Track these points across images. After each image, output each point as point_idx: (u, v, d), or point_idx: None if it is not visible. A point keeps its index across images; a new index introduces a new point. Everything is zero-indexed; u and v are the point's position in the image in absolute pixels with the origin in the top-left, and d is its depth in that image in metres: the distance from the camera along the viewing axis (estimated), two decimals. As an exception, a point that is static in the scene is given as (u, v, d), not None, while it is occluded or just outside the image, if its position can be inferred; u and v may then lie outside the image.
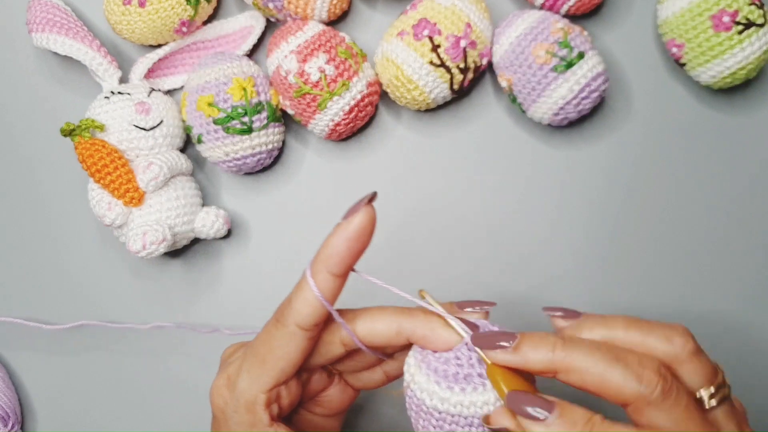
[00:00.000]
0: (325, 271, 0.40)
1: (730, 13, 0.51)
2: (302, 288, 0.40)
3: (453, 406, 0.39)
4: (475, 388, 0.39)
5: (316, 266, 0.40)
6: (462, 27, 0.52)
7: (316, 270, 0.40)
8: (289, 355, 0.41)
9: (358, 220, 0.39)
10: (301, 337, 0.40)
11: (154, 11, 0.53)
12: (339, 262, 0.39)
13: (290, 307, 0.40)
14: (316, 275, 0.40)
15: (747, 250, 0.56)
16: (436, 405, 0.40)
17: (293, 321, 0.40)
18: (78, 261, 0.58)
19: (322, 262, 0.40)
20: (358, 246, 0.40)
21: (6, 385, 0.56)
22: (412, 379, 0.41)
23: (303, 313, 0.40)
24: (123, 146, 0.53)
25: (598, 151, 0.56)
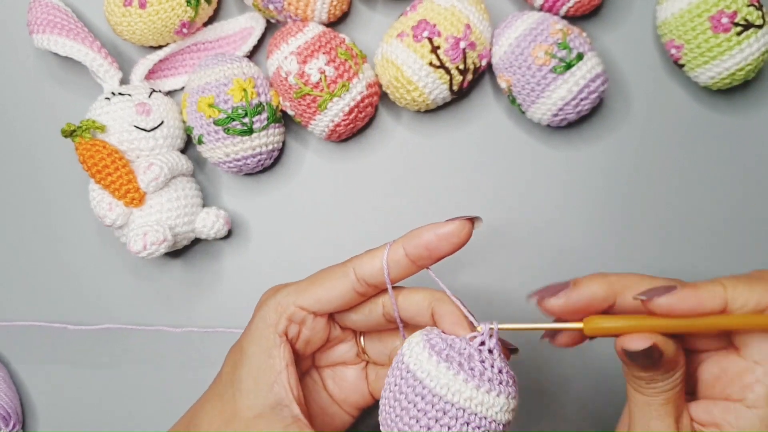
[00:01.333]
0: (401, 246, 0.42)
1: (728, 14, 0.51)
2: (377, 249, 0.43)
3: (453, 394, 0.38)
4: (498, 393, 0.38)
5: (397, 241, 0.43)
6: (461, 28, 0.52)
7: (395, 243, 0.43)
8: (334, 290, 0.43)
9: (453, 226, 0.42)
10: (351, 282, 0.43)
11: (155, 12, 0.53)
12: (416, 247, 0.42)
13: (358, 257, 0.43)
14: (392, 247, 0.42)
15: (746, 250, 0.56)
16: (434, 387, 0.38)
17: (353, 266, 0.43)
18: (79, 261, 0.58)
19: (403, 240, 0.42)
20: (440, 246, 0.42)
21: (7, 386, 0.57)
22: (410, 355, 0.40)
23: (365, 266, 0.43)
24: (124, 147, 0.53)
25: (598, 152, 0.56)
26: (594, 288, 0.40)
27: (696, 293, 0.39)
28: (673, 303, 0.39)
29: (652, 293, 0.39)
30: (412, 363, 0.39)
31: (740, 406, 0.40)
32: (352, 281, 0.43)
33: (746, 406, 0.40)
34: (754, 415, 0.40)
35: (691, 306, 0.39)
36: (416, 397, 0.38)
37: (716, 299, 0.39)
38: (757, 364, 0.40)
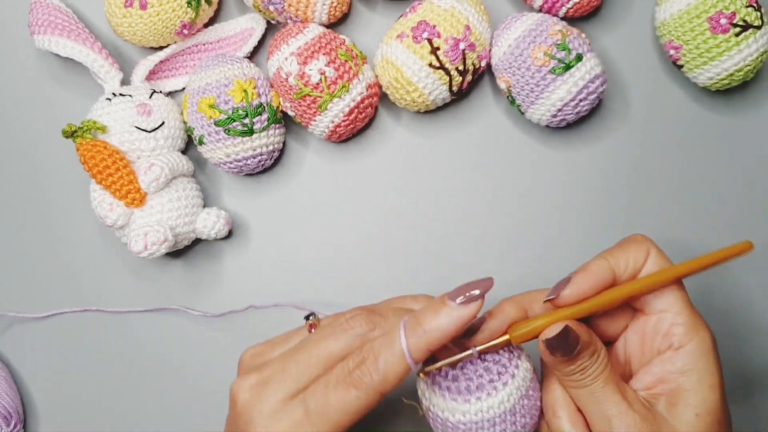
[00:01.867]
0: (426, 348, 0.40)
1: (727, 15, 0.51)
2: (395, 359, 0.40)
3: (474, 414, 0.42)
4: (489, 394, 0.43)
5: (418, 341, 0.40)
6: (461, 29, 0.52)
7: (418, 346, 0.40)
8: (362, 415, 0.40)
9: (473, 310, 0.40)
10: (379, 399, 0.40)
11: (156, 14, 0.53)
12: (442, 343, 0.40)
13: (378, 374, 0.39)
14: (415, 350, 0.40)
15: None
16: (459, 419, 0.42)
17: (379, 390, 0.40)
18: (80, 261, 0.58)
19: (427, 343, 0.40)
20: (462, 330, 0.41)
21: (8, 385, 0.57)
22: (430, 403, 0.44)
23: (393, 382, 0.40)
24: (124, 147, 0.53)
25: (597, 153, 0.56)
26: (507, 311, 0.43)
27: (588, 273, 0.43)
28: (575, 289, 0.42)
29: (556, 291, 0.43)
30: (423, 398, 0.45)
31: (671, 352, 0.43)
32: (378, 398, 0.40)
33: (674, 349, 0.43)
34: (684, 352, 0.43)
35: (589, 285, 0.43)
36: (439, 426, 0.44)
37: (606, 271, 0.43)
38: (664, 312, 0.44)
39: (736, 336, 0.55)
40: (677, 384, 0.43)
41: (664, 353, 0.43)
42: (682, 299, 0.44)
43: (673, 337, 0.43)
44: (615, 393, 0.42)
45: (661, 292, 0.44)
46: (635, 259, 0.44)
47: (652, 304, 0.44)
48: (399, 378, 0.40)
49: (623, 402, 0.42)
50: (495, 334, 0.43)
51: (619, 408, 0.42)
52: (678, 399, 0.43)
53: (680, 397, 0.43)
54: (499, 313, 0.43)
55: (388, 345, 0.40)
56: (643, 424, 0.42)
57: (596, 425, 0.43)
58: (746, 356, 0.55)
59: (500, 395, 0.42)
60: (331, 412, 0.39)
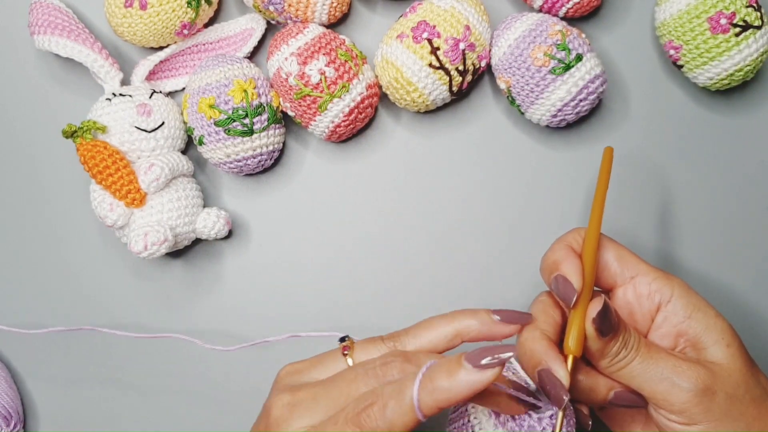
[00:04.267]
0: (436, 407, 0.38)
1: (727, 15, 0.51)
2: (403, 411, 0.39)
3: None
4: None
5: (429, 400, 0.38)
6: (461, 29, 0.52)
7: (427, 404, 0.38)
8: None
9: (491, 376, 0.38)
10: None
11: (156, 14, 0.53)
12: (454, 404, 0.39)
13: (384, 423, 0.39)
14: (425, 407, 0.38)
15: (746, 250, 0.56)
16: None
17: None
18: (80, 262, 0.58)
19: (437, 402, 0.38)
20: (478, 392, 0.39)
21: (8, 385, 0.57)
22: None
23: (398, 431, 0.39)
24: (124, 148, 0.53)
25: (596, 153, 0.56)
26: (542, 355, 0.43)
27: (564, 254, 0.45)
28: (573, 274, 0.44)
29: (567, 296, 0.44)
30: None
31: (664, 307, 0.45)
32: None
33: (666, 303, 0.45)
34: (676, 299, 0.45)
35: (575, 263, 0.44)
36: None
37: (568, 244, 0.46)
38: (635, 277, 0.46)
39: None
40: (691, 329, 0.44)
41: (660, 312, 0.45)
42: (640, 260, 0.46)
43: (657, 294, 0.45)
44: (660, 352, 0.43)
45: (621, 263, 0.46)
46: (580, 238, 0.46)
47: (621, 276, 0.46)
48: (407, 428, 0.39)
49: (672, 357, 0.43)
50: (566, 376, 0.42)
51: (673, 364, 0.42)
52: (701, 341, 0.44)
53: (701, 338, 0.44)
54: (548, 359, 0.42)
55: (398, 394, 0.39)
56: (701, 369, 0.42)
57: (660, 393, 0.42)
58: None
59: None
60: None
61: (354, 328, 0.40)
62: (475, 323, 0.44)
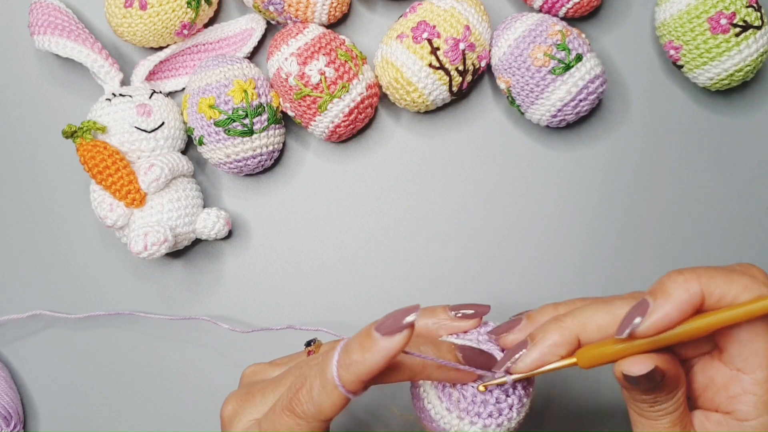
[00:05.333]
0: (357, 381, 0.38)
1: (727, 16, 0.51)
2: (329, 391, 0.38)
3: None
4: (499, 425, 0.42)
5: (348, 375, 0.38)
6: (461, 30, 0.52)
7: (348, 379, 0.38)
8: None
9: (401, 341, 0.37)
10: (323, 426, 0.39)
11: (155, 14, 0.53)
12: (373, 375, 0.38)
13: (313, 405, 0.38)
14: (346, 382, 0.38)
15: (746, 250, 0.56)
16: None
17: (318, 418, 0.39)
18: (80, 262, 0.58)
19: (356, 376, 0.37)
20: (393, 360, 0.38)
21: (8, 385, 0.57)
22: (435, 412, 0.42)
23: (329, 412, 0.39)
24: (124, 148, 0.53)
25: (596, 153, 0.56)
26: (552, 340, 0.39)
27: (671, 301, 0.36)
28: (657, 322, 0.36)
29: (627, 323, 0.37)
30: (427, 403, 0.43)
31: (731, 419, 0.38)
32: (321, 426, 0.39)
33: (737, 419, 0.38)
34: (746, 427, 0.38)
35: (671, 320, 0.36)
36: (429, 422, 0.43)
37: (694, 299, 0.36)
38: (742, 373, 0.38)
39: None
40: None
41: (724, 415, 0.39)
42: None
43: (740, 405, 0.38)
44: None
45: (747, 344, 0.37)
46: (735, 296, 0.36)
47: (731, 355, 0.38)
48: (336, 407, 0.38)
49: None
50: (536, 364, 0.39)
51: None
52: None
53: None
54: (541, 341, 0.39)
55: (320, 374, 0.38)
56: None
57: None
58: None
59: (505, 427, 0.42)
60: None
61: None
62: (432, 323, 0.43)
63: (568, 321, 0.39)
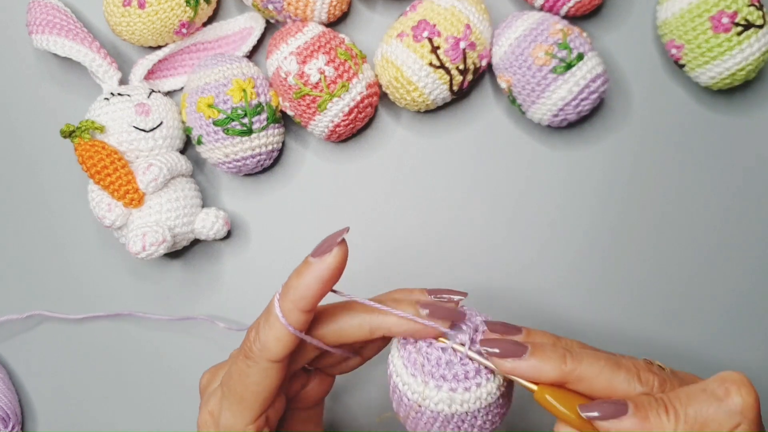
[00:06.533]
0: (296, 309, 0.39)
1: (729, 14, 0.51)
2: (271, 324, 0.39)
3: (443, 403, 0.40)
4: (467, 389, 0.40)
5: (287, 304, 0.39)
6: (461, 28, 0.52)
7: (287, 308, 0.39)
8: (266, 388, 0.41)
9: (332, 260, 0.39)
10: (274, 369, 0.40)
11: (154, 13, 0.53)
12: (311, 301, 0.39)
13: (259, 342, 0.40)
14: (287, 312, 0.39)
15: (746, 250, 0.56)
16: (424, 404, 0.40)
17: (265, 357, 0.40)
18: (78, 262, 0.58)
19: (293, 302, 0.39)
20: (330, 285, 0.39)
21: (6, 386, 0.57)
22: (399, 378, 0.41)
23: (274, 350, 0.39)
24: (123, 147, 0.53)
25: (598, 152, 0.56)
26: (551, 368, 0.39)
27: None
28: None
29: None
30: (395, 376, 0.42)
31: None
32: (274, 368, 0.40)
33: None
34: None
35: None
36: (407, 408, 0.41)
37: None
38: None
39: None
40: None
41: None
42: None
43: None
44: None
45: None
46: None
47: None
48: (280, 343, 0.39)
49: None
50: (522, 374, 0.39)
51: None
52: None
53: None
54: (541, 362, 0.39)
55: (266, 313, 0.40)
56: None
57: None
58: None
59: (474, 393, 0.40)
60: (234, 384, 0.41)
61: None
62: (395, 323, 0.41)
63: (574, 366, 0.39)
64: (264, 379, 0.40)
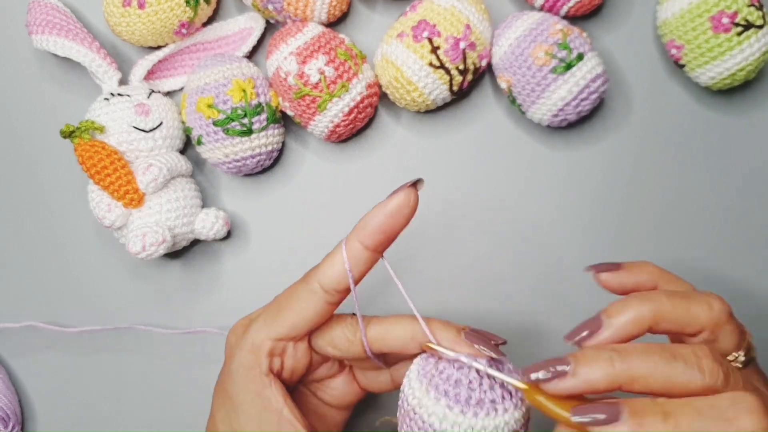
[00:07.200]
0: (356, 241, 0.41)
1: (729, 15, 0.51)
2: (333, 253, 0.42)
3: (464, 430, 0.39)
4: (487, 413, 0.40)
5: (350, 236, 0.41)
6: (461, 28, 0.52)
7: (350, 239, 0.41)
8: (305, 312, 0.42)
9: (398, 198, 0.41)
10: (320, 297, 0.42)
11: (154, 13, 0.53)
12: (372, 235, 0.41)
13: (317, 267, 0.42)
14: (348, 244, 0.41)
15: (746, 250, 0.56)
16: (446, 429, 0.40)
17: (316, 279, 0.42)
18: (78, 262, 0.58)
19: (356, 233, 0.41)
20: (394, 224, 0.41)
21: (6, 387, 0.56)
22: (419, 403, 0.41)
23: (328, 274, 0.41)
24: (123, 148, 0.53)
25: (597, 152, 0.56)
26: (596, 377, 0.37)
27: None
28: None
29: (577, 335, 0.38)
30: (411, 395, 0.41)
31: None
32: (320, 295, 0.42)
33: None
34: None
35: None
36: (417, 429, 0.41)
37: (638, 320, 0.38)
38: None
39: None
40: None
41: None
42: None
43: None
44: None
45: None
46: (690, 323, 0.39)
47: None
48: (334, 270, 0.41)
49: None
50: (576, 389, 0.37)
51: None
52: None
53: None
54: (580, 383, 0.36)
55: (331, 252, 0.42)
56: None
57: None
58: None
59: (498, 419, 0.40)
60: (281, 297, 0.43)
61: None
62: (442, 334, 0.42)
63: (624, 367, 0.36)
64: (308, 299, 0.42)
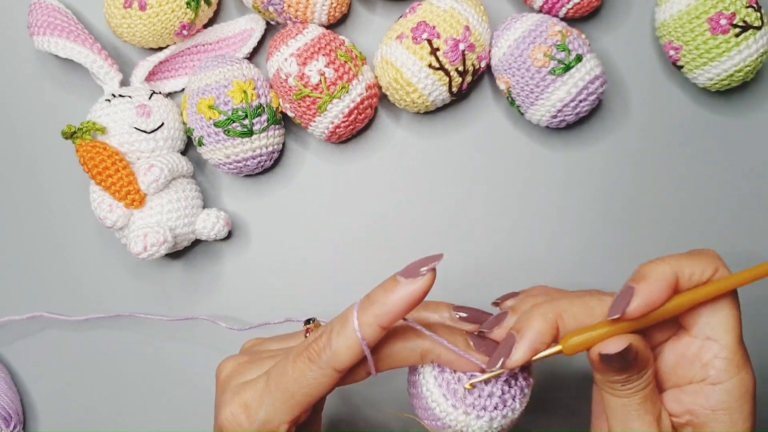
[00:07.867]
0: (376, 324, 0.39)
1: (727, 16, 0.51)
2: (347, 335, 0.39)
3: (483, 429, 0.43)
4: (504, 416, 0.43)
5: (367, 317, 0.39)
6: (461, 30, 0.52)
7: (366, 321, 0.39)
8: (320, 392, 0.41)
9: (424, 284, 0.39)
10: (335, 377, 0.40)
11: (155, 14, 0.53)
12: (393, 319, 0.39)
13: (330, 351, 0.40)
14: (364, 325, 0.39)
15: (746, 250, 0.56)
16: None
17: (331, 365, 0.40)
18: (79, 262, 0.58)
19: (376, 316, 0.39)
20: (413, 308, 0.39)
21: (8, 386, 0.57)
22: (437, 406, 0.43)
23: (343, 359, 0.39)
24: (124, 149, 0.53)
25: (596, 153, 0.56)
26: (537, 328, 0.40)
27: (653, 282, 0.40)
28: (642, 303, 0.39)
29: (618, 307, 0.39)
30: (425, 390, 0.43)
31: (705, 385, 0.41)
32: (335, 377, 0.40)
33: (711, 384, 0.40)
34: (720, 390, 0.40)
35: (656, 296, 0.39)
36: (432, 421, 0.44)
37: (671, 278, 0.40)
38: (710, 340, 0.41)
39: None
40: (706, 421, 0.40)
41: (699, 384, 0.41)
42: (734, 331, 0.41)
43: (712, 370, 0.40)
44: (649, 413, 0.40)
45: (713, 316, 0.41)
46: (702, 271, 0.41)
47: (699, 326, 0.41)
48: (350, 354, 0.39)
49: (653, 424, 0.40)
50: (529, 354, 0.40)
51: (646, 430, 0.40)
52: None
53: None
54: (528, 330, 0.40)
55: (341, 322, 0.40)
56: None
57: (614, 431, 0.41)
58: None
59: (511, 417, 0.43)
60: (288, 382, 0.40)
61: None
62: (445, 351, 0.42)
63: (547, 309, 0.41)
64: (321, 384, 0.40)
